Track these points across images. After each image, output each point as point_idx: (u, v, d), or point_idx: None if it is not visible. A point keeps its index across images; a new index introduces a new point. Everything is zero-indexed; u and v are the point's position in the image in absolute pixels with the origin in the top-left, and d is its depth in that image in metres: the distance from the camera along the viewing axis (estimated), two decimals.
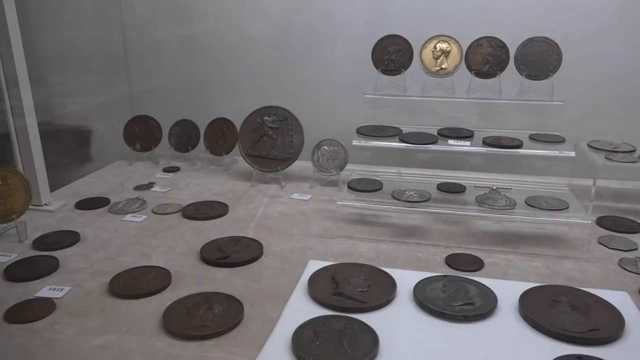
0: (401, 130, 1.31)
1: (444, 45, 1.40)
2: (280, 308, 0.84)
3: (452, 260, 0.99)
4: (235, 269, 0.97)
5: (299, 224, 1.17)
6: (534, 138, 1.26)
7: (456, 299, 0.83)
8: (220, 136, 1.56)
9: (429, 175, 1.32)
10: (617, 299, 0.85)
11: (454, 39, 1.40)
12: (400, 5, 1.55)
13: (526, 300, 0.83)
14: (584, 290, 0.86)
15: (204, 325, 0.78)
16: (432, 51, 1.41)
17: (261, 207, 1.27)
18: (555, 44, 1.35)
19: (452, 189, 1.20)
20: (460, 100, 1.37)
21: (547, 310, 0.80)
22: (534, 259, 1.01)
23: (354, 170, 1.35)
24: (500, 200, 1.09)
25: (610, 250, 1.05)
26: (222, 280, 0.93)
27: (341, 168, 1.40)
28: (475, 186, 1.19)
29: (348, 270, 0.92)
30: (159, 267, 0.95)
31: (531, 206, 1.07)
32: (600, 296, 0.84)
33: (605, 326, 0.77)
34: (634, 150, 1.26)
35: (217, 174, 1.52)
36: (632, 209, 1.26)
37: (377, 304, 0.83)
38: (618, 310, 0.80)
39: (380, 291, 0.86)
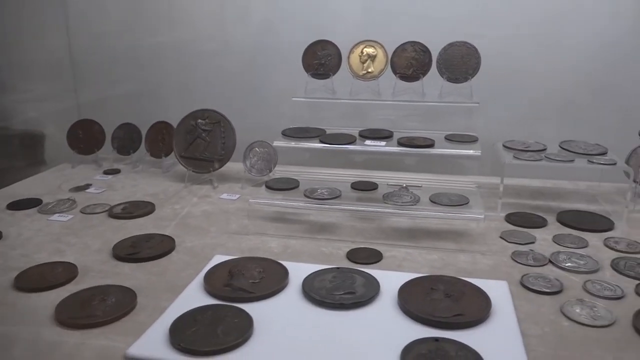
0: (325, 131, 1.36)
1: (370, 50, 1.46)
2: (174, 300, 0.88)
3: (353, 254, 1.04)
4: (143, 264, 1.00)
5: (219, 222, 1.21)
6: (449, 138, 1.32)
7: (339, 289, 0.87)
8: (161, 139, 1.60)
9: (352, 175, 1.37)
10: (495, 287, 0.89)
11: (379, 43, 1.45)
12: (332, 13, 1.60)
13: (405, 289, 0.87)
14: (464, 280, 0.91)
15: (94, 315, 0.82)
16: (360, 56, 1.46)
17: (188, 206, 1.31)
18: (475, 48, 1.41)
19: (365, 187, 1.24)
20: (386, 102, 1.42)
21: (421, 298, 0.85)
22: (432, 252, 1.05)
23: (285, 171, 1.40)
24: (406, 197, 1.13)
25: (508, 244, 1.09)
26: (127, 274, 0.97)
27: (271, 169, 1.44)
28: (388, 184, 1.23)
29: (246, 263, 0.96)
30: (68, 262, 0.99)
31: (434, 202, 1.12)
32: (479, 285, 0.89)
33: (471, 312, 0.81)
34: (545, 149, 1.31)
35: (155, 175, 1.56)
36: (545, 206, 1.31)
37: (263, 294, 0.87)
38: (489, 297, 0.85)
39: (272, 282, 0.91)
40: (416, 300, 0.84)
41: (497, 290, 0.89)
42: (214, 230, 1.17)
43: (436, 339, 0.75)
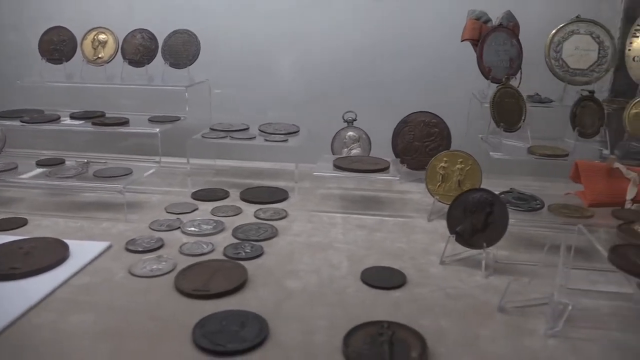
0: (43, 112, 1.42)
1: (101, 37, 1.52)
2: None
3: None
4: None
5: None
6: (151, 119, 1.40)
7: None
8: None
9: (73, 155, 1.42)
10: (91, 247, 0.98)
11: (110, 30, 1.53)
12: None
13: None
14: (62, 241, 0.98)
15: None
16: (92, 42, 1.53)
17: None
18: (195, 35, 1.50)
19: (50, 163, 1.29)
20: (114, 86, 1.49)
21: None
22: (79, 221, 1.13)
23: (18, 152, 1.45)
24: (71, 171, 1.20)
25: (167, 214, 1.18)
26: None
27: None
28: (76, 161, 1.29)
29: None
30: None
31: (96, 176, 1.19)
32: (80, 246, 0.97)
33: (30, 265, 0.88)
34: (247, 129, 1.40)
35: None
36: (242, 183, 1.40)
37: None
38: (67, 255, 0.93)
39: None
40: None
41: (91, 249, 0.97)
42: None
43: None
